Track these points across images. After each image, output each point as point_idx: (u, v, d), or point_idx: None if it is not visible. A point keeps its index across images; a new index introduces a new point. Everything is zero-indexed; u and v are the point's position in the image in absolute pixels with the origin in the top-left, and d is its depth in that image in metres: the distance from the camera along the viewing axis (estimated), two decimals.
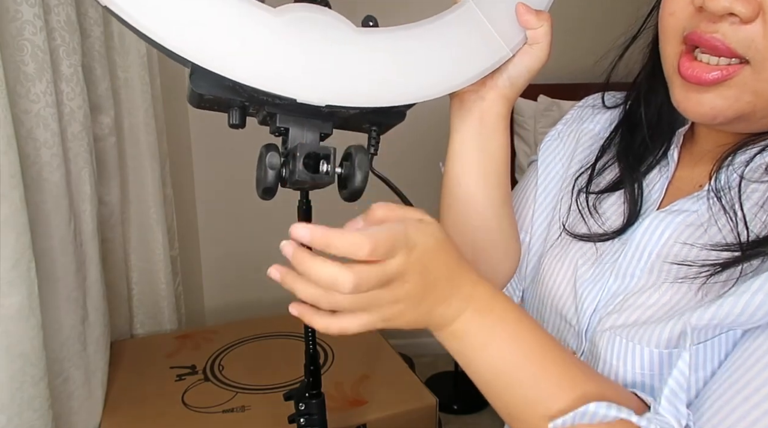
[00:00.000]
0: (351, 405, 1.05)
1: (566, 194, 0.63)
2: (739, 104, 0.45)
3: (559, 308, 0.59)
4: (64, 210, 0.95)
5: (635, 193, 0.56)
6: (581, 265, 0.58)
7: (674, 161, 0.56)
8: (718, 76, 0.44)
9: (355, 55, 0.46)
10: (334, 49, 0.45)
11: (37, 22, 0.86)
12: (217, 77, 0.41)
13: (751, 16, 0.42)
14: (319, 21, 0.45)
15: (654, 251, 0.52)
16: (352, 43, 0.46)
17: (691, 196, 0.52)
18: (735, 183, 0.48)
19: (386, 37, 0.48)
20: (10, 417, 0.79)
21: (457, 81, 0.52)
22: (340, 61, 0.45)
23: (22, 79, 0.87)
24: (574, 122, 0.69)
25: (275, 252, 0.43)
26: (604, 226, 0.57)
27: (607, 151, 0.61)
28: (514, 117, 1.72)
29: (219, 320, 1.76)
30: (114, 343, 1.24)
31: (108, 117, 1.18)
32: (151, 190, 1.34)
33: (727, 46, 0.43)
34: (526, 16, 0.53)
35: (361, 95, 0.46)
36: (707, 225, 0.49)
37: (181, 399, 1.08)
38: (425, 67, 0.50)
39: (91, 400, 1.04)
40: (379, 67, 0.47)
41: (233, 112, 0.46)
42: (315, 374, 0.58)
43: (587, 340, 0.55)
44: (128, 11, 0.38)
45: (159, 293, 1.40)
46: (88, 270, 1.05)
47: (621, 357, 0.50)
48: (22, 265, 0.78)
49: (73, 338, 0.99)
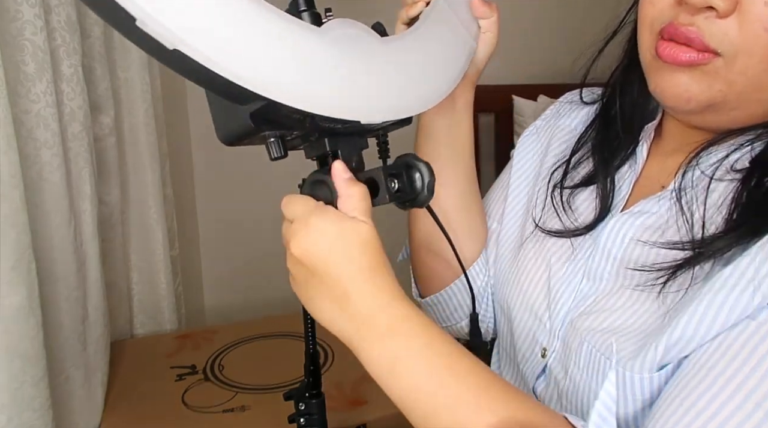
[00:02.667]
0: (351, 405, 1.05)
1: (541, 188, 0.64)
2: (711, 92, 0.46)
3: (531, 304, 0.59)
4: (64, 210, 0.95)
5: (607, 187, 0.57)
6: (554, 262, 0.58)
7: (643, 158, 0.56)
8: (693, 58, 0.45)
9: (389, 68, 0.46)
10: (374, 63, 0.45)
11: (38, 22, 0.86)
12: (285, 112, 0.39)
13: (729, 10, 0.43)
14: (356, 36, 0.44)
15: (618, 255, 0.53)
16: (383, 56, 0.46)
17: (653, 197, 0.52)
18: (698, 183, 0.49)
19: (403, 45, 0.48)
20: (10, 417, 0.79)
21: (455, 76, 0.53)
22: (381, 76, 0.45)
23: (22, 79, 0.87)
24: (552, 117, 0.70)
25: (275, 252, 0.43)
26: (576, 222, 0.58)
27: (583, 145, 0.62)
28: (515, 117, 1.72)
29: (219, 320, 1.75)
30: (114, 343, 1.24)
31: (108, 117, 1.18)
32: (151, 190, 1.34)
33: (701, 39, 0.44)
34: (481, 9, 0.59)
35: (401, 108, 0.46)
36: (665, 227, 0.50)
37: (181, 399, 1.08)
38: (435, 68, 0.51)
39: (91, 400, 1.04)
40: (410, 74, 0.48)
41: (274, 144, 0.44)
42: (315, 374, 0.58)
43: (559, 339, 0.55)
44: (205, 53, 0.34)
45: (159, 293, 1.40)
46: (88, 270, 1.05)
47: (587, 366, 0.50)
48: (22, 265, 0.78)
49: (73, 338, 0.99)
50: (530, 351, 0.59)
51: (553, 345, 0.56)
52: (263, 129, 0.42)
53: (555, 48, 1.70)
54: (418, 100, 0.48)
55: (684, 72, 0.46)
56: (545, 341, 0.57)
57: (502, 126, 1.75)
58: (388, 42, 0.47)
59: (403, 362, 0.42)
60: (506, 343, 0.66)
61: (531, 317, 0.59)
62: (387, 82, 0.45)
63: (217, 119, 0.44)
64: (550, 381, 0.56)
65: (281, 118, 0.40)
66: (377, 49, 0.45)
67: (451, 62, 0.54)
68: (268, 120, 0.41)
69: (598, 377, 0.49)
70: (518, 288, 0.61)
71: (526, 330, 0.59)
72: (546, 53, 1.76)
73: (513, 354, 0.63)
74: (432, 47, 0.51)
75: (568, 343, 0.53)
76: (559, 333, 0.55)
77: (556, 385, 0.55)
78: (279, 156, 0.44)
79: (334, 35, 0.42)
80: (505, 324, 0.65)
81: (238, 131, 0.42)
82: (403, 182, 0.46)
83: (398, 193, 0.46)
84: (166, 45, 0.33)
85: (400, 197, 0.46)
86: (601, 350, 0.49)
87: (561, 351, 0.55)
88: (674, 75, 0.47)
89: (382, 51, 0.45)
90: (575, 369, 0.52)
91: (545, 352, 0.57)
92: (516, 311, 0.61)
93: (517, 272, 0.62)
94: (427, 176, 0.47)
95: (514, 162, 0.71)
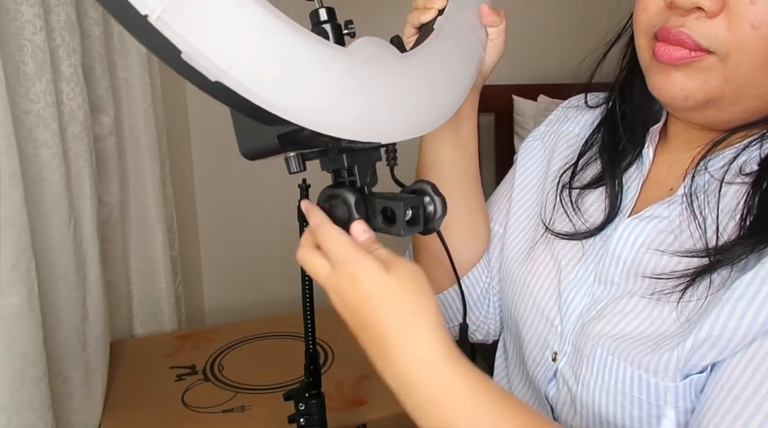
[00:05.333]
0: (351, 405, 1.05)
1: (550, 192, 0.64)
2: (707, 87, 0.47)
3: (541, 308, 0.59)
4: (64, 210, 0.95)
5: (615, 189, 0.57)
6: (565, 265, 0.58)
7: (649, 160, 0.57)
8: (687, 55, 0.46)
9: (408, 85, 0.46)
10: (398, 82, 0.45)
11: (37, 22, 0.86)
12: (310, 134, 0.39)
13: (716, 10, 0.44)
14: (381, 55, 0.44)
15: (628, 259, 0.52)
16: (402, 75, 0.46)
17: (663, 201, 0.52)
18: (708, 187, 0.49)
19: (421, 60, 0.48)
20: (10, 417, 0.79)
21: (466, 87, 0.54)
22: (400, 96, 0.45)
23: (22, 79, 0.87)
24: (556, 122, 0.70)
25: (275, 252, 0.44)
26: (586, 223, 0.58)
27: (590, 147, 0.63)
28: (515, 117, 1.72)
29: (219, 320, 1.75)
30: (114, 343, 1.24)
31: (108, 117, 1.18)
32: (151, 190, 1.34)
33: (693, 39, 0.45)
34: (491, 17, 0.59)
35: (422, 123, 0.47)
36: (677, 232, 0.50)
37: (181, 399, 1.08)
38: (450, 82, 0.52)
39: (91, 400, 1.04)
40: (428, 91, 0.48)
41: (294, 159, 0.45)
42: (315, 374, 0.58)
43: (570, 343, 0.55)
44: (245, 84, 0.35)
45: (159, 293, 1.40)
46: (88, 270, 1.05)
47: (602, 370, 0.50)
48: (22, 265, 0.78)
49: (73, 338, 0.99)
50: (541, 355, 0.58)
51: (564, 349, 0.55)
52: (288, 149, 0.43)
53: (555, 48, 1.70)
54: (432, 117, 0.48)
55: (680, 70, 0.47)
56: (556, 345, 0.56)
57: (502, 126, 1.75)
58: (406, 59, 0.47)
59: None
60: (514, 347, 0.65)
61: (542, 321, 0.58)
62: (405, 103, 0.45)
63: (241, 136, 0.44)
64: (562, 385, 0.56)
65: (306, 139, 0.41)
66: (397, 69, 0.45)
67: (463, 75, 0.54)
68: (293, 141, 0.42)
69: (614, 381, 0.49)
70: (528, 291, 0.61)
71: (537, 334, 0.59)
72: (546, 53, 1.76)
73: (522, 359, 0.63)
74: (446, 63, 0.51)
75: (579, 348, 0.53)
76: (570, 337, 0.55)
77: (568, 390, 0.55)
78: (298, 171, 0.45)
79: (361, 56, 0.42)
80: (512, 327, 0.65)
81: (263, 149, 0.43)
82: (416, 216, 0.46)
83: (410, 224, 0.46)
84: (209, 77, 0.34)
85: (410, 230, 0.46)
86: (616, 353, 0.49)
87: (572, 355, 0.54)
88: (671, 74, 0.48)
89: (400, 70, 0.46)
90: (588, 374, 0.51)
91: (556, 356, 0.56)
92: (525, 314, 0.61)
93: (526, 275, 0.62)
94: (440, 211, 0.48)
95: (518, 166, 0.70)
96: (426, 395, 0.41)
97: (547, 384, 0.58)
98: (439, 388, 0.41)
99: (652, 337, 0.47)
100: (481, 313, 0.70)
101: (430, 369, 0.41)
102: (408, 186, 0.50)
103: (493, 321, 0.71)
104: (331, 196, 0.47)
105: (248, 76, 0.35)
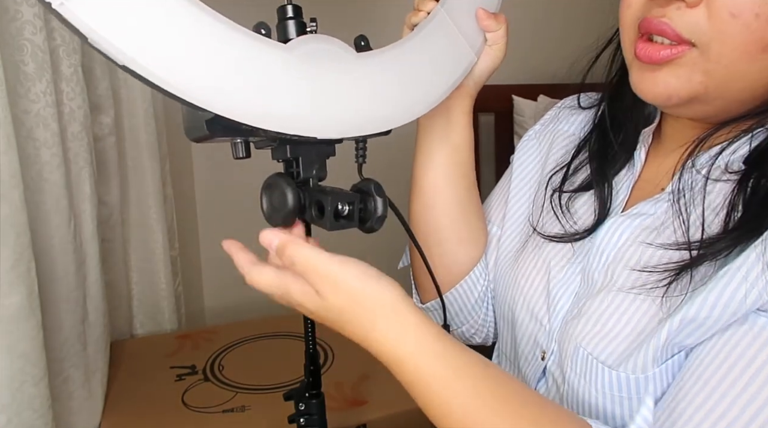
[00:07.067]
0: (351, 405, 1.05)
1: (541, 193, 0.64)
2: (691, 85, 0.46)
3: (531, 307, 0.59)
4: (64, 210, 0.95)
5: (605, 192, 0.57)
6: (554, 265, 0.58)
7: (641, 161, 0.57)
8: (668, 54, 0.46)
9: (362, 83, 0.46)
10: (344, 80, 0.45)
11: (37, 22, 0.86)
12: (236, 122, 0.40)
13: (696, 0, 0.44)
14: (327, 52, 0.44)
15: (611, 254, 0.53)
16: (357, 72, 0.46)
17: (651, 199, 0.53)
18: (696, 184, 0.49)
19: (381, 60, 0.48)
20: (10, 417, 0.79)
21: (442, 91, 0.53)
22: (351, 92, 0.45)
23: (22, 79, 0.87)
24: (551, 122, 0.70)
25: None
26: (576, 225, 0.58)
27: (582, 151, 0.63)
28: (514, 117, 1.72)
29: (219, 320, 1.75)
30: (114, 343, 1.24)
31: (108, 117, 1.18)
32: (151, 190, 1.34)
33: (673, 29, 0.45)
34: (486, 21, 0.57)
35: (371, 122, 0.47)
36: (661, 229, 0.50)
37: (181, 399, 1.08)
38: (417, 84, 0.51)
39: (91, 400, 1.04)
40: (383, 91, 0.48)
41: (239, 145, 0.46)
42: (315, 374, 0.58)
43: (556, 342, 0.55)
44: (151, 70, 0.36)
45: (159, 293, 1.40)
46: (88, 270, 1.05)
47: (584, 371, 0.50)
48: (22, 265, 0.78)
49: (73, 338, 0.99)
50: (531, 354, 0.59)
51: (552, 348, 0.56)
52: (218, 135, 0.44)
53: (555, 48, 1.70)
54: (385, 118, 0.48)
55: (661, 69, 0.47)
56: (545, 344, 0.57)
57: (502, 126, 1.75)
58: (363, 58, 0.47)
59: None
60: (507, 346, 0.66)
61: (532, 320, 0.59)
62: (348, 99, 0.45)
63: (185, 118, 0.46)
64: (551, 383, 0.57)
65: (235, 126, 0.41)
66: (345, 66, 0.45)
67: (437, 80, 0.53)
68: (223, 128, 0.42)
69: (594, 381, 0.49)
70: (519, 291, 0.61)
71: (528, 332, 0.60)
72: (546, 53, 1.76)
73: (514, 357, 0.63)
74: (416, 64, 0.51)
75: (563, 347, 0.53)
76: (556, 335, 0.55)
77: (557, 388, 0.55)
78: (242, 157, 0.47)
79: (298, 52, 0.43)
80: (505, 327, 0.65)
81: (198, 134, 0.45)
82: (351, 212, 0.47)
83: (343, 219, 0.47)
84: (117, 62, 0.35)
85: (339, 225, 0.46)
86: (595, 353, 0.49)
87: (558, 354, 0.55)
88: (653, 74, 0.48)
89: (350, 68, 0.46)
90: (572, 373, 0.52)
91: (545, 355, 0.57)
92: (518, 313, 0.61)
93: (518, 275, 0.62)
94: (380, 211, 0.48)
95: (515, 167, 0.70)
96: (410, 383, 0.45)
97: (536, 382, 0.59)
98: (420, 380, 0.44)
99: (633, 334, 0.48)
100: (480, 316, 0.70)
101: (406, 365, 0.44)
102: (355, 184, 0.50)
103: (492, 323, 0.71)
104: (270, 184, 0.48)
105: (153, 59, 0.36)
